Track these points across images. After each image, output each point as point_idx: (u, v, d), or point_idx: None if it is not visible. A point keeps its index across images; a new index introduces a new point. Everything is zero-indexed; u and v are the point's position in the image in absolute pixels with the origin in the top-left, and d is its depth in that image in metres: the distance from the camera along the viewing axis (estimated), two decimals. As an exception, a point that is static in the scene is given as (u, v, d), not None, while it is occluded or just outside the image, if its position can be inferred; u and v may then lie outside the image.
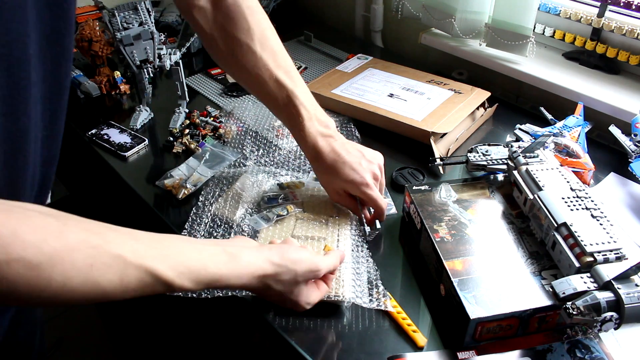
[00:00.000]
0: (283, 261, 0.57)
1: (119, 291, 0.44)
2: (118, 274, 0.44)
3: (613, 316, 0.55)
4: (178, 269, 0.48)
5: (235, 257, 0.53)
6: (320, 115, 0.80)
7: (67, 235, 0.42)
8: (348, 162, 0.74)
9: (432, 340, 0.65)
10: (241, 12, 0.73)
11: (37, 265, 0.39)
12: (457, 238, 0.71)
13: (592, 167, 0.87)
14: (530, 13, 1.09)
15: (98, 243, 0.43)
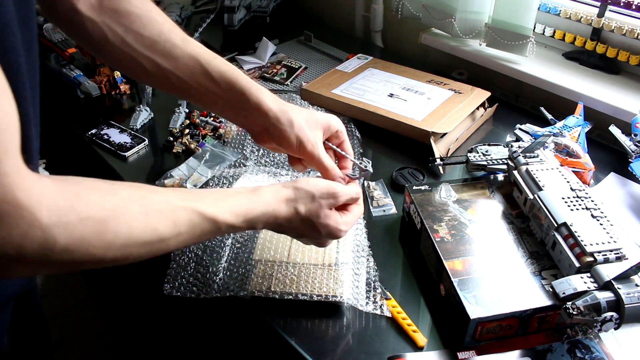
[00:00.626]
0: (299, 184, 0.59)
1: (174, 234, 0.48)
2: (170, 217, 0.48)
3: (613, 316, 0.55)
4: (217, 205, 0.52)
5: (257, 190, 0.57)
6: None
7: (118, 192, 0.45)
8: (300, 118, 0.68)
9: (432, 340, 0.65)
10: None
11: (104, 220, 0.43)
12: (457, 238, 0.71)
13: (592, 167, 0.87)
14: (530, 13, 1.09)
15: (145, 194, 0.48)
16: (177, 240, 0.49)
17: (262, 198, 0.56)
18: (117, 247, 0.44)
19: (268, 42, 1.33)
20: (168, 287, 0.72)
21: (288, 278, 0.70)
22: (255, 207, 0.55)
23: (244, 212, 0.54)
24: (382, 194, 0.88)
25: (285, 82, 1.23)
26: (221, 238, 0.79)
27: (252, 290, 0.69)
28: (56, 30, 1.27)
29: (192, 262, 0.75)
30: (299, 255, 0.73)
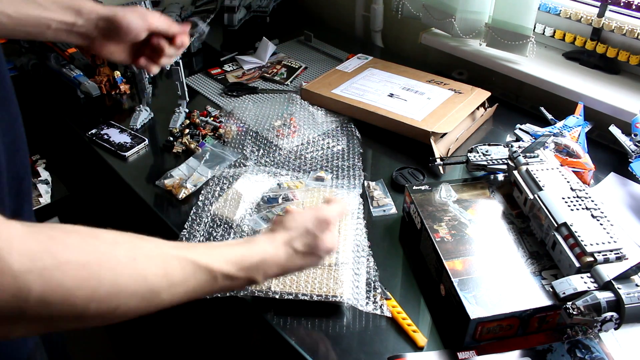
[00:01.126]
0: (288, 223, 0.58)
1: (166, 285, 0.44)
2: (160, 265, 0.44)
3: (613, 316, 0.55)
4: (211, 254, 0.49)
5: (252, 239, 0.56)
6: None
7: (101, 235, 0.42)
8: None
9: (432, 340, 0.65)
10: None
11: (85, 264, 0.38)
12: (457, 238, 0.71)
13: (592, 167, 0.87)
14: (530, 13, 1.09)
15: (132, 239, 0.44)
16: (171, 294, 0.45)
17: (258, 245, 0.54)
18: (101, 297, 0.39)
19: (268, 42, 1.33)
20: (168, 287, 0.72)
21: (288, 278, 0.70)
22: (252, 254, 0.52)
23: (239, 260, 0.51)
24: (382, 194, 0.88)
25: (285, 82, 1.23)
26: (221, 238, 0.78)
27: (252, 290, 0.69)
28: (56, 30, 1.27)
29: (192, 262, 0.75)
30: (299, 255, 0.73)
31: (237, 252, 0.51)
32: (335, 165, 0.94)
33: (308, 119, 1.07)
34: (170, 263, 0.45)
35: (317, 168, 0.93)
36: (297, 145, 1.00)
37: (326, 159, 0.96)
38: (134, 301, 0.42)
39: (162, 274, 0.44)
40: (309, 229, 0.57)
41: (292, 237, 0.56)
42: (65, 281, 0.37)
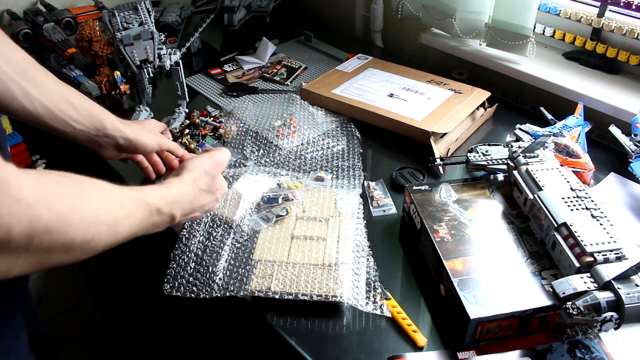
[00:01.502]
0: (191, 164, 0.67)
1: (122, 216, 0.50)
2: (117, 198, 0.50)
3: (613, 316, 0.55)
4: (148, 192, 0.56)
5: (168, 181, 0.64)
6: None
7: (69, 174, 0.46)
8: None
9: (432, 340, 0.65)
10: None
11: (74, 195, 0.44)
12: (457, 238, 0.71)
13: (592, 167, 0.87)
14: (530, 13, 1.09)
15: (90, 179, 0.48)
16: (126, 225, 0.51)
17: (174, 185, 0.63)
18: (85, 226, 0.44)
19: (268, 42, 1.33)
20: (168, 287, 0.72)
21: (288, 278, 0.70)
22: (172, 193, 0.61)
23: (165, 196, 0.59)
24: (382, 194, 0.88)
25: (285, 82, 1.23)
26: (220, 238, 0.79)
27: (252, 290, 0.69)
28: (56, 30, 1.27)
29: (192, 262, 0.75)
30: (299, 255, 0.73)
31: (163, 191, 0.60)
32: (335, 165, 0.94)
33: (308, 119, 1.07)
34: (123, 198, 0.51)
35: (317, 168, 0.93)
36: (297, 145, 1.00)
37: (326, 159, 0.96)
38: (104, 231, 0.47)
39: (118, 205, 0.50)
40: (207, 170, 0.67)
41: (195, 177, 0.66)
42: (64, 210, 0.41)
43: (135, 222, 0.53)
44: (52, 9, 1.34)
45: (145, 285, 1.19)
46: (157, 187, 0.60)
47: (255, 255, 0.74)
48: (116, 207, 0.49)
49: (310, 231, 0.78)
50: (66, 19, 1.31)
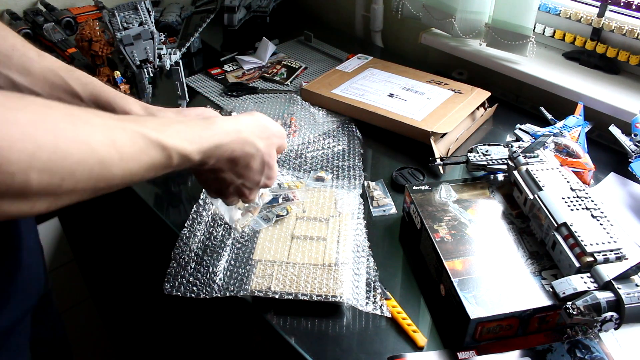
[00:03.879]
0: (258, 115, 0.55)
1: (116, 157, 0.40)
2: (105, 133, 0.40)
3: (613, 316, 0.55)
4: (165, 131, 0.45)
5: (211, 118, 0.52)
6: None
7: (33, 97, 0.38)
8: None
9: (432, 340, 0.65)
10: None
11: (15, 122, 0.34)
12: (457, 238, 0.71)
13: (592, 167, 0.87)
14: (530, 13, 1.09)
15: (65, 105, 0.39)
16: (123, 169, 0.41)
17: (218, 126, 0.50)
18: (43, 164, 0.34)
19: (268, 42, 1.33)
20: (168, 286, 0.72)
21: (288, 278, 0.70)
22: (219, 139, 0.49)
23: (197, 139, 0.47)
24: (382, 194, 0.88)
25: (285, 82, 1.23)
26: (221, 238, 0.79)
27: (252, 290, 0.69)
28: (56, 30, 1.27)
29: (192, 261, 0.75)
30: (299, 255, 0.73)
31: (195, 131, 0.48)
32: (335, 165, 0.94)
33: (308, 119, 1.07)
34: (116, 133, 0.40)
35: (318, 168, 0.94)
36: (298, 145, 1.00)
37: (326, 159, 0.96)
38: (82, 173, 0.38)
39: (108, 143, 0.39)
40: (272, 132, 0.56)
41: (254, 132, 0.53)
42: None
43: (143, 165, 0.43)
44: (52, 9, 1.34)
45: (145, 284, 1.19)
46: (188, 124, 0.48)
47: (256, 255, 0.74)
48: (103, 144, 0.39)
49: (311, 231, 0.78)
50: (66, 19, 1.31)
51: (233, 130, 0.51)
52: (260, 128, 0.55)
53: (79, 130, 0.38)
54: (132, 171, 0.42)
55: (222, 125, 0.50)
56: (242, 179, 0.56)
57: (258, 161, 0.55)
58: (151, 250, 1.02)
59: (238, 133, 0.52)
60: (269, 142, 0.55)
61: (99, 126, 0.40)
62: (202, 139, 0.48)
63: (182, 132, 0.46)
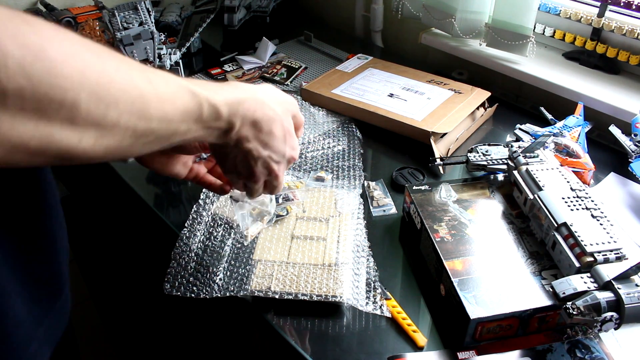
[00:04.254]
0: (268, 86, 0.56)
1: (153, 94, 0.40)
2: (143, 71, 0.40)
3: (613, 316, 0.55)
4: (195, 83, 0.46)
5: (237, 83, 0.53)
6: None
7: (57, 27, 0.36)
8: None
9: (432, 340, 0.65)
10: None
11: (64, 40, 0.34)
12: (457, 238, 0.71)
13: (592, 167, 0.87)
14: (530, 13, 1.09)
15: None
16: (160, 109, 0.40)
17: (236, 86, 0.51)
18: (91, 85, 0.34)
19: (268, 42, 1.33)
20: (168, 286, 0.72)
21: (288, 278, 0.70)
22: (239, 95, 0.49)
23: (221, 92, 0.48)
24: (382, 194, 0.88)
25: (285, 82, 1.23)
26: (221, 238, 0.79)
27: (252, 290, 0.69)
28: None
29: (192, 261, 0.75)
30: (299, 255, 0.73)
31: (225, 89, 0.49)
32: (335, 165, 0.94)
33: (308, 119, 1.07)
34: (150, 74, 0.41)
35: (318, 168, 0.94)
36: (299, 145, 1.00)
37: (326, 159, 0.96)
38: (125, 104, 0.37)
39: (146, 79, 0.40)
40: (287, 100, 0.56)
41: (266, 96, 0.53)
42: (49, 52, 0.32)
43: (177, 110, 0.42)
44: (52, 9, 1.34)
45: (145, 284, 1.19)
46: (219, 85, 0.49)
47: (256, 255, 0.74)
48: (142, 80, 0.39)
49: (311, 231, 0.78)
50: (66, 19, 1.31)
51: (250, 90, 0.52)
52: (273, 94, 0.55)
53: (119, 61, 0.38)
54: (168, 115, 0.42)
55: (238, 85, 0.51)
56: (268, 150, 0.54)
57: (279, 126, 0.54)
58: (151, 250, 1.02)
59: (255, 94, 0.52)
60: (285, 108, 0.55)
61: (135, 64, 0.40)
62: (226, 92, 0.48)
63: (207, 86, 0.47)
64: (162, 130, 0.42)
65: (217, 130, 0.48)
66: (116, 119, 0.37)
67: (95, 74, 0.35)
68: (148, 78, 0.40)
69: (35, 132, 0.33)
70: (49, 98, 0.32)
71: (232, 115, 0.49)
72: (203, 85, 0.46)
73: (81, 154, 0.36)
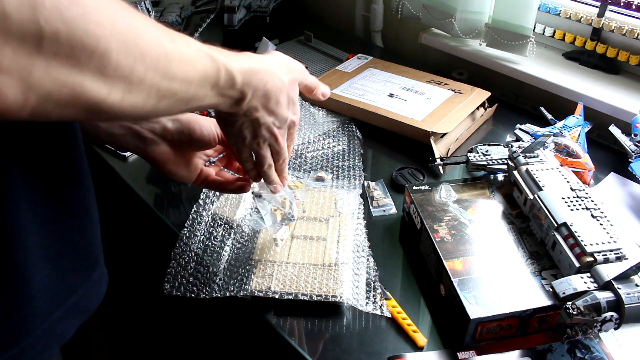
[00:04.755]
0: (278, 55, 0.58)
1: (177, 54, 0.41)
2: (167, 33, 0.41)
3: (613, 316, 0.55)
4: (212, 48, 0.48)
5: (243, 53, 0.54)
6: None
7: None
8: None
9: (432, 340, 0.65)
10: None
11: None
12: (457, 238, 0.71)
13: (592, 167, 0.87)
14: (530, 13, 1.09)
15: None
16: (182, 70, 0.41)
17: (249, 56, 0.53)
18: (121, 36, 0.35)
19: (268, 42, 1.33)
20: (168, 286, 0.72)
21: (288, 278, 0.70)
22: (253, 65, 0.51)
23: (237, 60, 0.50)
24: (382, 194, 0.88)
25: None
26: (221, 238, 0.79)
27: (252, 290, 0.69)
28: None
29: (192, 261, 0.75)
30: (299, 255, 0.73)
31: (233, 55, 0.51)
32: (335, 165, 0.94)
33: (308, 119, 1.07)
34: (173, 34, 0.42)
35: (318, 168, 0.94)
36: (298, 145, 1.00)
37: (326, 159, 0.96)
38: (151, 60, 0.38)
39: (169, 39, 0.41)
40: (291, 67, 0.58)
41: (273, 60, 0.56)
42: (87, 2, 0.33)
43: (197, 72, 0.43)
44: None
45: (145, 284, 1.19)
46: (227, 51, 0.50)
47: (255, 255, 0.74)
48: (167, 39, 0.40)
49: (311, 231, 0.78)
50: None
51: (262, 61, 0.54)
52: (282, 64, 0.58)
53: (144, 18, 0.39)
54: (189, 77, 0.43)
55: (250, 55, 0.53)
56: (273, 117, 0.57)
57: (285, 96, 0.57)
58: (151, 250, 1.02)
59: (268, 64, 0.55)
60: (292, 77, 0.58)
61: (158, 24, 0.41)
62: (241, 61, 0.50)
63: (224, 52, 0.49)
64: (182, 93, 0.43)
65: (229, 100, 0.50)
66: (143, 74, 0.38)
67: (125, 25, 0.36)
68: (171, 37, 0.41)
69: (67, 80, 0.33)
70: (82, 44, 0.32)
71: (245, 84, 0.51)
72: (221, 52, 0.48)
73: (109, 108, 0.37)
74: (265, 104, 0.55)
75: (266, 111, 0.56)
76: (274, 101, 0.55)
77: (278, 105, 0.56)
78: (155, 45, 0.39)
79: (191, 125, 0.63)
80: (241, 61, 0.51)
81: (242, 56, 0.52)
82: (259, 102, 0.54)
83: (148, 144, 0.62)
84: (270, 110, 0.56)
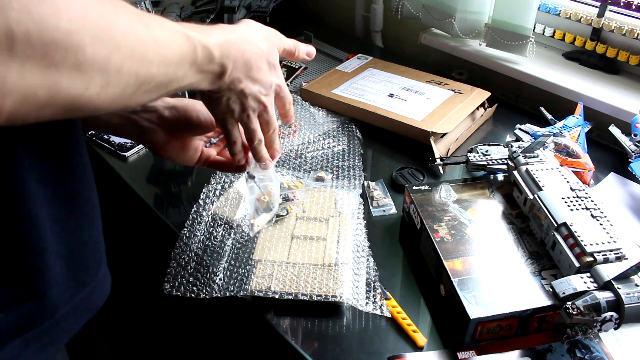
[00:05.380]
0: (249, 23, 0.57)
1: (151, 38, 0.40)
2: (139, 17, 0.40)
3: (613, 316, 0.55)
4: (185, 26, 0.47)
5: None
6: None
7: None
8: None
9: (432, 340, 0.65)
10: None
11: None
12: (457, 238, 0.71)
13: (592, 167, 0.87)
14: (530, 13, 1.09)
15: None
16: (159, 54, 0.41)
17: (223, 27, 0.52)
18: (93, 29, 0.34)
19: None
20: (168, 286, 0.72)
21: (288, 278, 0.70)
22: (228, 36, 0.50)
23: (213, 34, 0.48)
24: (382, 194, 0.88)
25: (285, 82, 1.23)
26: (221, 238, 0.79)
27: (252, 290, 0.69)
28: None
29: (192, 261, 0.75)
30: (299, 255, 0.74)
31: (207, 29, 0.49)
32: (335, 165, 0.94)
33: (308, 119, 1.07)
34: (146, 18, 0.41)
35: (318, 168, 0.94)
36: (298, 145, 1.00)
37: (326, 159, 0.96)
38: (126, 48, 0.37)
39: (143, 24, 0.40)
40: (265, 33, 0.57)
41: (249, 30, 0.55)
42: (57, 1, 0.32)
43: (174, 54, 0.43)
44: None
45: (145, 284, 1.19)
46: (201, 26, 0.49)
47: (256, 255, 0.74)
48: (139, 25, 0.39)
49: (311, 231, 0.78)
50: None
51: (236, 30, 0.54)
52: (256, 31, 0.57)
53: (116, 5, 0.38)
54: (166, 59, 0.42)
55: (224, 27, 0.53)
56: (257, 84, 0.56)
57: (265, 61, 0.56)
58: (151, 250, 1.02)
59: (242, 33, 0.54)
60: (269, 42, 0.58)
61: (130, 8, 0.40)
62: (216, 34, 0.49)
63: (198, 28, 0.47)
64: (161, 76, 0.42)
65: (210, 75, 0.50)
66: (119, 64, 0.37)
67: (97, 17, 0.35)
68: (144, 22, 0.40)
69: (43, 80, 0.32)
70: (55, 43, 0.32)
71: (224, 57, 0.50)
72: (194, 28, 0.47)
73: (88, 103, 0.36)
74: (247, 73, 0.54)
75: (250, 80, 0.55)
76: (255, 68, 0.55)
77: (260, 71, 0.56)
78: (129, 32, 0.38)
79: (188, 112, 0.63)
80: (216, 35, 0.50)
81: (216, 29, 0.51)
82: (241, 72, 0.54)
83: (146, 132, 0.62)
84: (254, 79, 0.55)
